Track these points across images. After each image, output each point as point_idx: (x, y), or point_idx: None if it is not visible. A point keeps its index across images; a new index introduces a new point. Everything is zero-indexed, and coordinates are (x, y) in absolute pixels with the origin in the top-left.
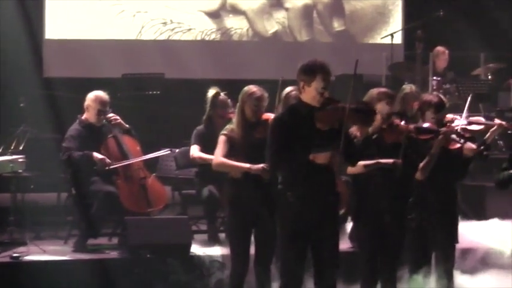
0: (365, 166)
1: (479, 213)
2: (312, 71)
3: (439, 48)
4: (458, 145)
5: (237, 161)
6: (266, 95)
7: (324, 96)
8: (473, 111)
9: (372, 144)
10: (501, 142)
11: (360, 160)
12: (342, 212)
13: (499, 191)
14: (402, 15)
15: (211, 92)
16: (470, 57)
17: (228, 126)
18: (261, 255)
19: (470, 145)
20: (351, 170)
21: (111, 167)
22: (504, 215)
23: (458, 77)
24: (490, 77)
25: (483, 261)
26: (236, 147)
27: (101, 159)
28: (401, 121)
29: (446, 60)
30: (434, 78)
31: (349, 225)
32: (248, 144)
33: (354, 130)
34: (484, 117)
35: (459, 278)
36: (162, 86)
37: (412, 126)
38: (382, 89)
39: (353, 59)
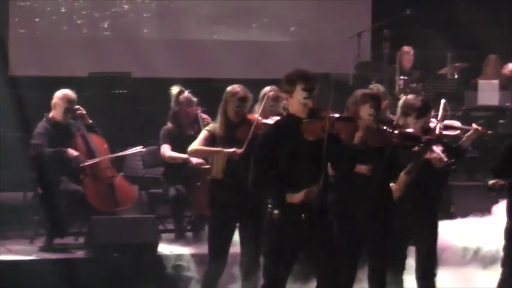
0: None
1: (446, 212)
2: (291, 81)
3: (405, 48)
4: (434, 154)
5: (217, 160)
6: (250, 95)
7: (308, 106)
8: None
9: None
10: None
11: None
12: None
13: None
14: (369, 14)
15: (174, 90)
16: (436, 57)
17: (213, 124)
18: (246, 254)
19: (441, 157)
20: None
21: (86, 164)
22: (470, 213)
23: (424, 76)
24: (456, 76)
25: (449, 260)
26: (217, 146)
27: (76, 156)
28: (386, 125)
29: (411, 60)
30: (401, 77)
31: None
32: (229, 145)
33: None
34: (451, 117)
35: None
36: (129, 85)
37: (396, 131)
38: (366, 91)
39: (321, 57)
